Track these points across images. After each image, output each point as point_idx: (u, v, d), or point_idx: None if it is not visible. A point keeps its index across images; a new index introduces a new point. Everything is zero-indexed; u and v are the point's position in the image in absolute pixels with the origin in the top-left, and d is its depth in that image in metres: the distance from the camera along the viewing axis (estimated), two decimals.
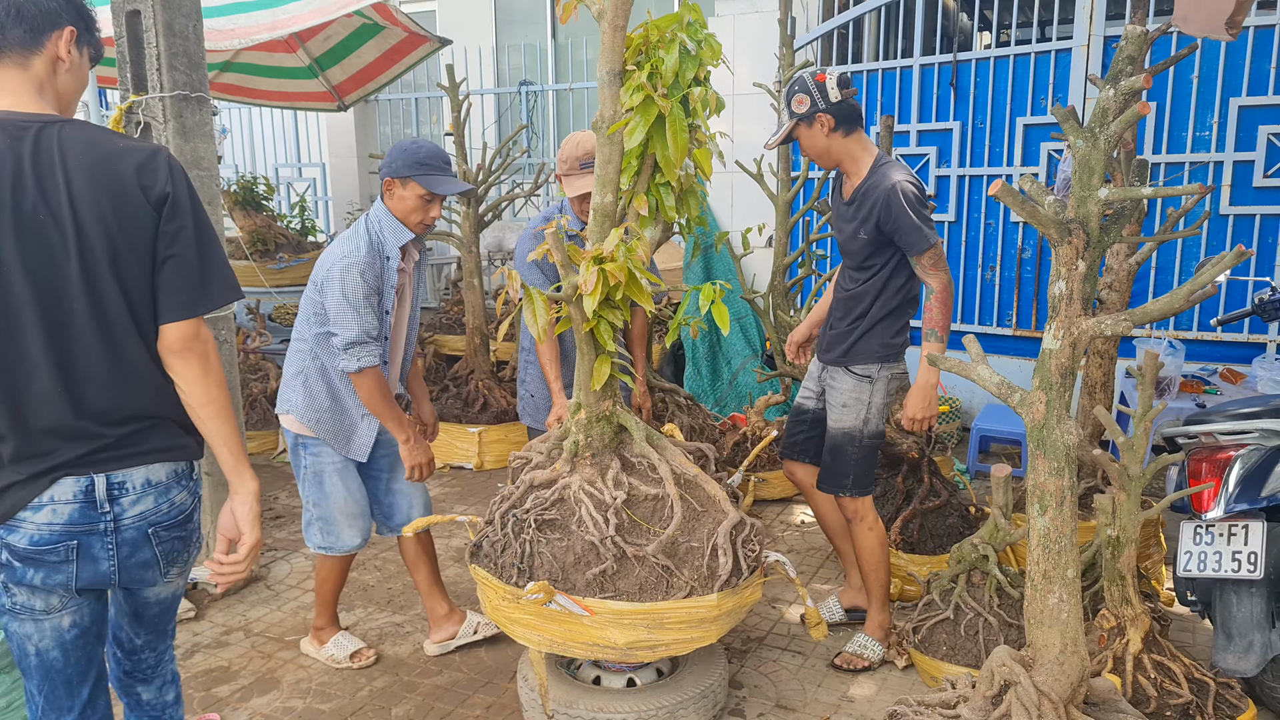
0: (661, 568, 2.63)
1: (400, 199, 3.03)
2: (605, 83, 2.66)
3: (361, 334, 2.94)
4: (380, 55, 6.91)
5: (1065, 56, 5.24)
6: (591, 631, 2.59)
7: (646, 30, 2.75)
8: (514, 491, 2.82)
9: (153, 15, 3.59)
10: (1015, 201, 2.18)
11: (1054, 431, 2.22)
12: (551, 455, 2.91)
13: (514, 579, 2.64)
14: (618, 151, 2.73)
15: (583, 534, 2.66)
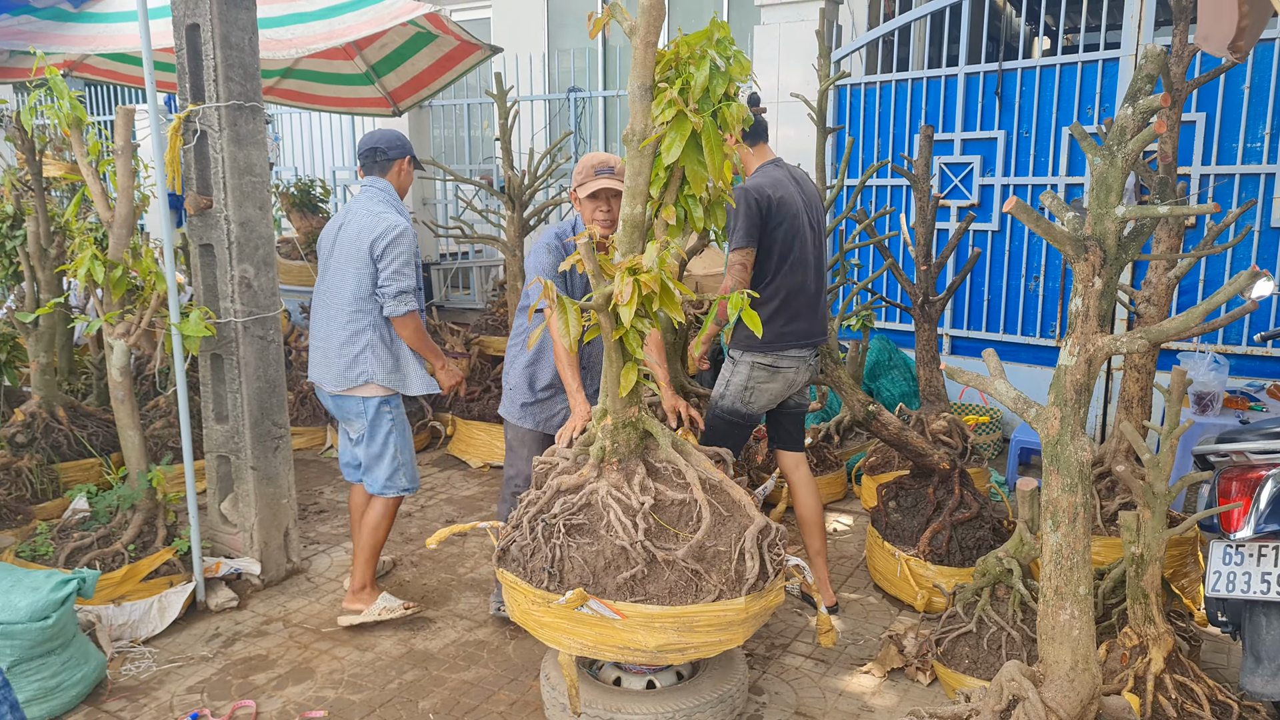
0: (691, 571, 2.69)
1: (407, 175, 3.82)
2: (636, 97, 2.73)
3: (411, 285, 3.58)
4: (434, 62, 7.07)
5: (1113, 66, 5.17)
6: (622, 635, 2.65)
7: (678, 46, 2.81)
8: (540, 496, 2.89)
9: (211, 29, 3.75)
10: (1030, 218, 2.19)
11: (1068, 447, 2.23)
12: (578, 460, 2.98)
13: (545, 583, 2.70)
14: (648, 164, 2.79)
15: (612, 538, 2.72)
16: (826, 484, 5.07)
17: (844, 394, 4.10)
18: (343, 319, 3.60)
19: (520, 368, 3.63)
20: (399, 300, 3.55)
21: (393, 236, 3.53)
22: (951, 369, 2.50)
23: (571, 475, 2.89)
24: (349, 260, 3.57)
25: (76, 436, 5.10)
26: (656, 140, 2.73)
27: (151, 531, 3.86)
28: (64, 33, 5.39)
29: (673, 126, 2.74)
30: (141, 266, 3.74)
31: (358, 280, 3.56)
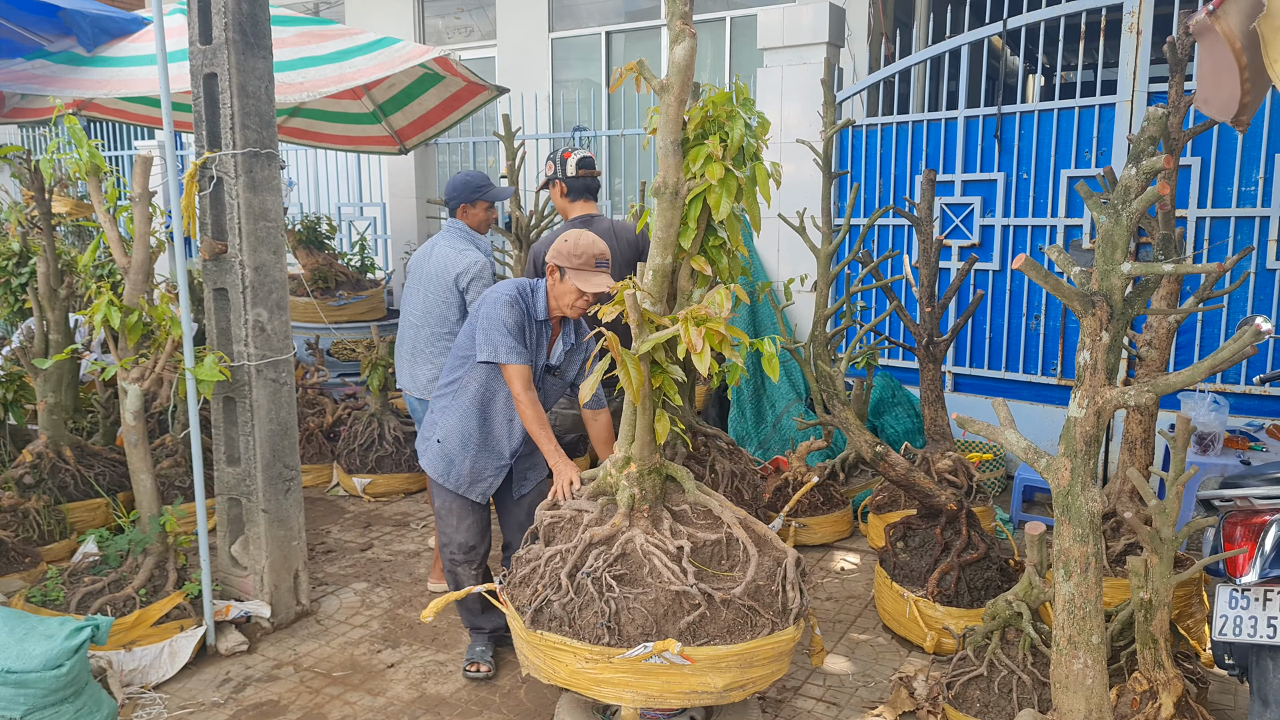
0: (746, 608, 2.75)
1: (474, 215, 4.33)
2: (668, 151, 2.81)
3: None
4: (440, 102, 7.17)
5: (1109, 111, 5.27)
6: (691, 679, 2.66)
7: (708, 104, 2.90)
8: (570, 550, 2.89)
9: (229, 78, 3.83)
10: (1039, 275, 2.25)
11: (1079, 498, 2.27)
12: (605, 510, 2.99)
13: (604, 639, 2.67)
14: (678, 216, 2.88)
15: (662, 585, 2.74)
16: (833, 522, 5.10)
17: (851, 435, 4.14)
18: (426, 335, 4.19)
19: (456, 417, 3.47)
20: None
21: (474, 272, 4.09)
22: (963, 419, 2.55)
23: (603, 526, 2.90)
24: (435, 288, 4.17)
25: (84, 477, 5.12)
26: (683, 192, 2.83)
27: (162, 575, 3.88)
28: (78, 77, 5.47)
29: (721, 185, 2.83)
30: (157, 312, 3.78)
31: (444, 305, 4.14)
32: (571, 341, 3.50)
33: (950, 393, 6.05)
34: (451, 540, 3.56)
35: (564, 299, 3.32)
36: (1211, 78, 2.04)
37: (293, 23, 5.95)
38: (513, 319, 3.27)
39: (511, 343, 3.24)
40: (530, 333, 3.35)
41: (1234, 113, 1.85)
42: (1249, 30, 1.67)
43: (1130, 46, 5.06)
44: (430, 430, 3.57)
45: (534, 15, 9.69)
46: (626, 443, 2.93)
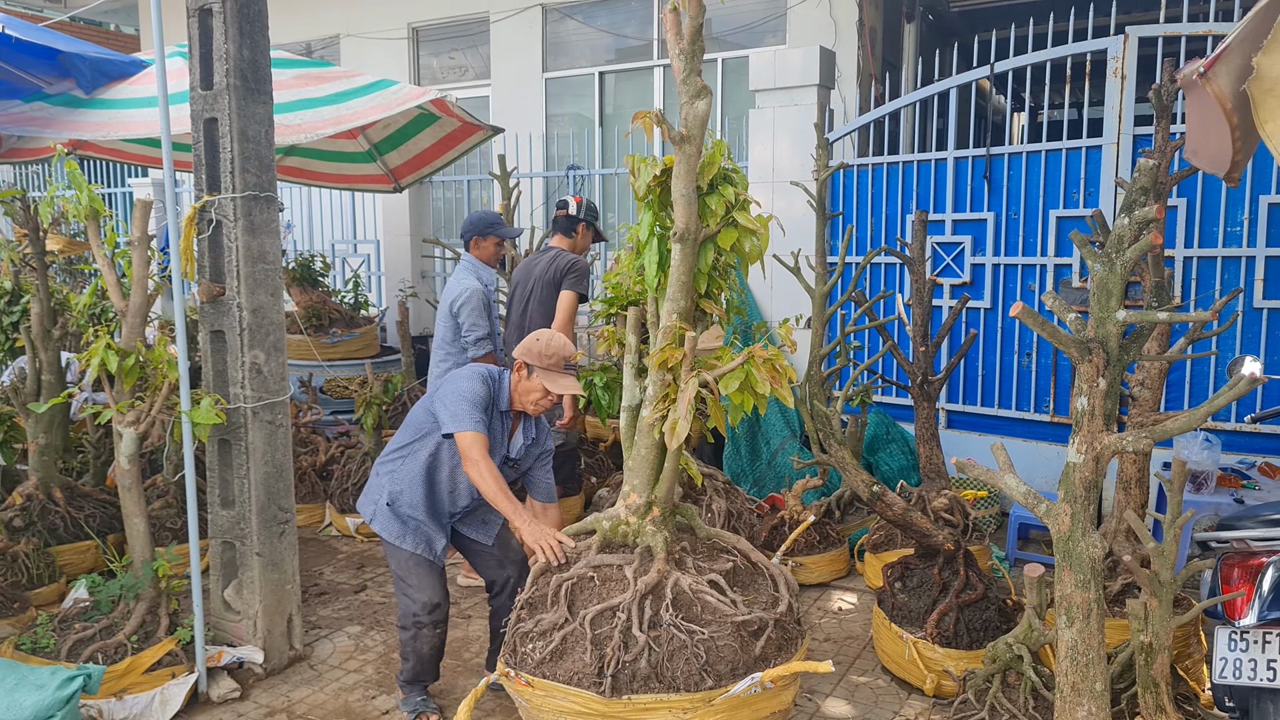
0: (787, 625, 2.96)
1: (483, 249, 4.93)
2: (688, 199, 2.90)
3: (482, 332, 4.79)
4: (436, 142, 7.24)
5: (1096, 153, 5.36)
6: (772, 701, 2.83)
7: (715, 156, 2.98)
8: (623, 605, 2.85)
9: (229, 123, 3.87)
10: (1035, 322, 2.28)
11: (1079, 544, 2.28)
12: (643, 560, 3.00)
13: (705, 682, 2.70)
14: (694, 260, 2.96)
15: (725, 618, 2.83)
16: (829, 561, 5.09)
17: (848, 474, 4.15)
18: (438, 357, 4.79)
19: (404, 482, 3.44)
20: (476, 345, 4.68)
21: (464, 298, 4.66)
22: (962, 464, 2.56)
23: (649, 574, 2.90)
24: (441, 317, 4.80)
25: (74, 518, 5.07)
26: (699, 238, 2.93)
27: (154, 621, 3.84)
28: (76, 119, 5.50)
29: (742, 232, 2.92)
30: (154, 355, 3.78)
31: (445, 331, 4.76)
32: (532, 436, 3.56)
33: (944, 429, 6.07)
34: (415, 600, 3.46)
35: (529, 396, 3.38)
36: (1200, 130, 2.09)
37: (291, 65, 6.01)
38: (481, 394, 3.30)
39: (474, 415, 3.24)
40: (493, 420, 3.39)
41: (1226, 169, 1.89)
42: (1239, 92, 1.72)
43: (1115, 90, 5.15)
44: (377, 494, 3.52)
45: (528, 55, 9.81)
46: (648, 487, 2.96)
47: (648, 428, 2.99)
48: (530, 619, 3.02)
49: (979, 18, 8.89)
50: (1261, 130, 1.62)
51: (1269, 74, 1.63)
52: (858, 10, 7.59)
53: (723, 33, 8.73)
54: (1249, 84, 1.63)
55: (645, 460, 2.99)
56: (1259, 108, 1.63)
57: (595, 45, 9.60)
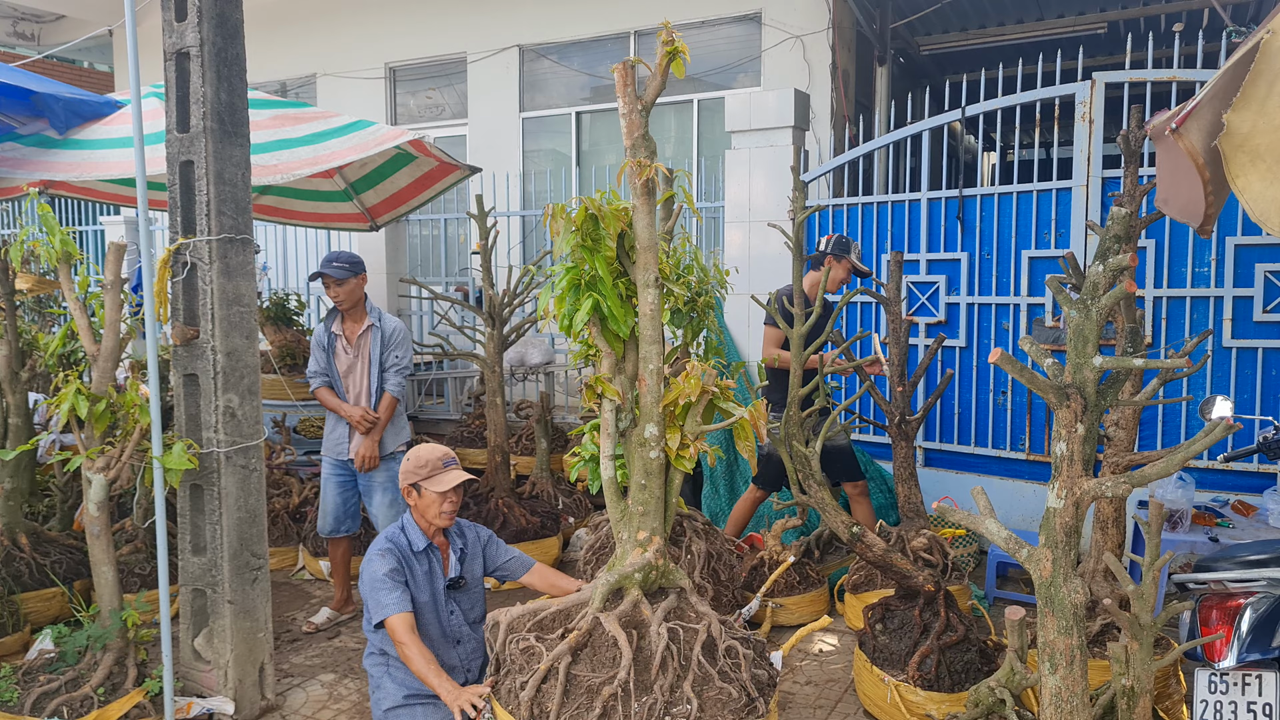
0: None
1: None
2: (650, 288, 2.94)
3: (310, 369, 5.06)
4: (412, 181, 7.23)
5: (1066, 195, 5.46)
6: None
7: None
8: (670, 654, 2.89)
9: (205, 166, 3.85)
10: (1014, 368, 2.30)
11: (1061, 590, 2.29)
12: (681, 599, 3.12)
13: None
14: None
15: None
16: (809, 601, 5.06)
17: (827, 515, 4.15)
18: None
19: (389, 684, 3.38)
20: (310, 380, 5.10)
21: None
22: (943, 509, 2.57)
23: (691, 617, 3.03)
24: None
25: (39, 565, 4.95)
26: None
27: (122, 672, 3.74)
28: (49, 159, 5.46)
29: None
30: (125, 399, 3.72)
31: None
32: (461, 546, 3.57)
33: (922, 468, 6.09)
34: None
35: (430, 511, 3.41)
36: (1170, 180, 2.13)
37: (268, 105, 6.01)
38: (385, 569, 3.29)
39: (389, 596, 3.22)
40: (417, 567, 3.39)
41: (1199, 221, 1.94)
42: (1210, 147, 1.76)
43: (1084, 134, 5.27)
44: (376, 708, 3.42)
45: (505, 95, 9.88)
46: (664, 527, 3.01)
47: (658, 469, 3.01)
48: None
49: (949, 60, 9.08)
50: (1233, 185, 1.66)
51: (1239, 130, 1.67)
52: (831, 54, 7.73)
53: (699, 73, 8.85)
54: (1220, 140, 1.67)
55: (658, 500, 3.03)
56: (1230, 163, 1.67)
57: (571, 85, 9.70)
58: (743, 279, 6.34)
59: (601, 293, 3.05)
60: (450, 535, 3.55)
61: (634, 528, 3.06)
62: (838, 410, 4.54)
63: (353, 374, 5.07)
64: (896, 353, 4.79)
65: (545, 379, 8.17)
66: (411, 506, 3.42)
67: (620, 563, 3.10)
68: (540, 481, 6.57)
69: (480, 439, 7.22)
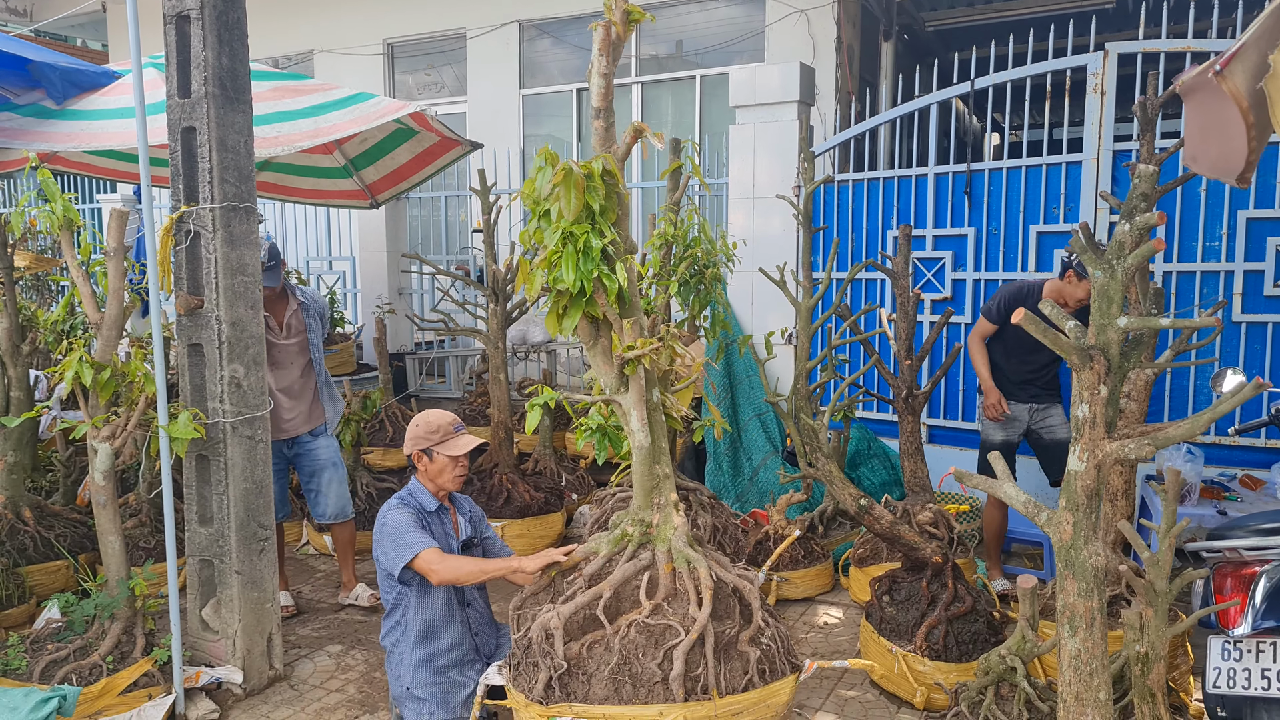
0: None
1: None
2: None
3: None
4: (413, 157, 7.17)
5: (1075, 168, 5.42)
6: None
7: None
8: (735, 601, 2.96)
9: (208, 133, 3.80)
10: (1038, 330, 2.27)
11: (1082, 552, 2.27)
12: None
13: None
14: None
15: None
16: (814, 576, 5.06)
17: (835, 488, 4.13)
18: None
19: (410, 653, 3.29)
20: None
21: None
22: (960, 473, 2.55)
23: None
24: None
25: (44, 538, 4.93)
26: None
27: (130, 641, 3.72)
28: (46, 130, 5.39)
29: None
30: (131, 368, 3.69)
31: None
32: (469, 510, 3.57)
33: (926, 444, 6.06)
34: None
35: (442, 476, 3.38)
36: (1199, 136, 2.10)
37: (267, 77, 5.94)
38: (405, 517, 3.25)
39: (414, 535, 3.18)
40: (432, 526, 3.36)
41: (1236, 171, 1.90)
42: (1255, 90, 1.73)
43: (1095, 106, 5.22)
44: (397, 684, 3.34)
45: (505, 73, 9.80)
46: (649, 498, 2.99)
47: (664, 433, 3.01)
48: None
49: (954, 37, 9.01)
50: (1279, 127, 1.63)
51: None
52: (836, 29, 7.67)
53: (701, 49, 8.78)
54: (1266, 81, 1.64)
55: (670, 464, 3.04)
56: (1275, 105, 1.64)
57: (572, 63, 9.61)
58: (746, 255, 6.31)
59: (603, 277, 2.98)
60: (455, 500, 3.53)
61: (666, 492, 3.05)
62: (845, 383, 4.53)
63: (287, 360, 4.81)
64: (904, 327, 4.76)
65: (547, 357, 8.14)
66: (420, 472, 3.38)
67: (667, 524, 3.09)
68: (543, 458, 6.54)
69: (483, 417, 7.19)
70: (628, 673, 2.77)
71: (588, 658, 2.82)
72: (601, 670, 2.79)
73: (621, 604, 2.95)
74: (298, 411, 4.82)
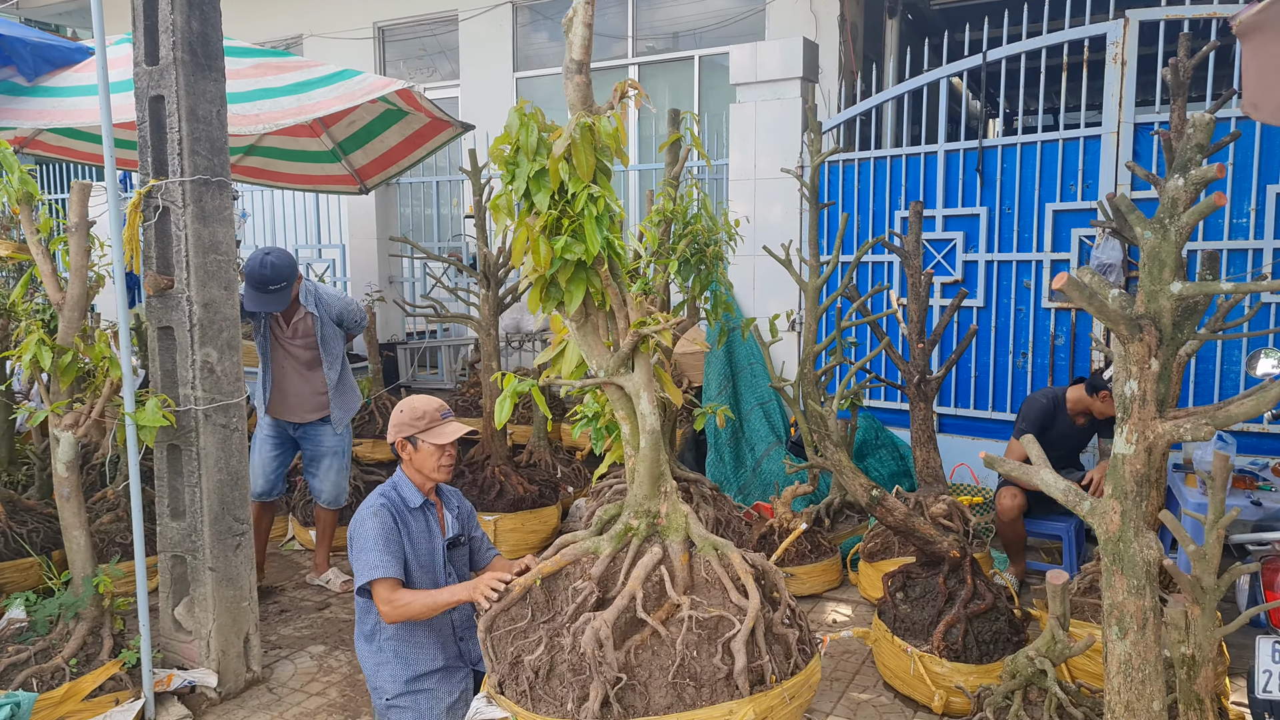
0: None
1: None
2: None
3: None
4: (403, 140, 6.93)
5: (1094, 143, 5.18)
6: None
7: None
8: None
9: (177, 101, 3.56)
10: (1082, 296, 2.04)
11: (1132, 545, 2.04)
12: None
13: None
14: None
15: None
16: (822, 571, 4.83)
17: (845, 478, 3.90)
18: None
19: (390, 664, 3.07)
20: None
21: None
22: (991, 458, 2.32)
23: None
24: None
25: (16, 534, 4.70)
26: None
27: (96, 643, 3.49)
28: (16, 107, 5.15)
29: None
30: (94, 352, 3.45)
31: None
32: (456, 506, 3.30)
33: None
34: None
35: (427, 464, 3.13)
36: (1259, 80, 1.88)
37: (249, 54, 5.69)
38: (377, 528, 2.98)
39: (380, 556, 2.93)
40: (414, 524, 3.11)
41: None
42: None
43: (1115, 78, 4.98)
44: (378, 697, 3.12)
45: (498, 56, 9.54)
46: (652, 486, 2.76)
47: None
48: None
49: (960, 15, 8.75)
50: None
51: None
52: (839, 5, 7.41)
53: (700, 28, 8.52)
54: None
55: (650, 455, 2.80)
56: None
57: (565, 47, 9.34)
58: (747, 238, 6.06)
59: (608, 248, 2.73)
60: (443, 494, 3.29)
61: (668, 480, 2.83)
62: (855, 368, 4.30)
63: (290, 357, 4.76)
64: (916, 309, 4.52)
65: (542, 347, 7.90)
66: (405, 461, 3.14)
67: (677, 513, 2.85)
68: (538, 450, 6.31)
69: (475, 408, 6.96)
70: (688, 674, 2.53)
71: (636, 664, 2.56)
72: (656, 676, 2.54)
73: (646, 603, 2.71)
74: (300, 401, 4.79)
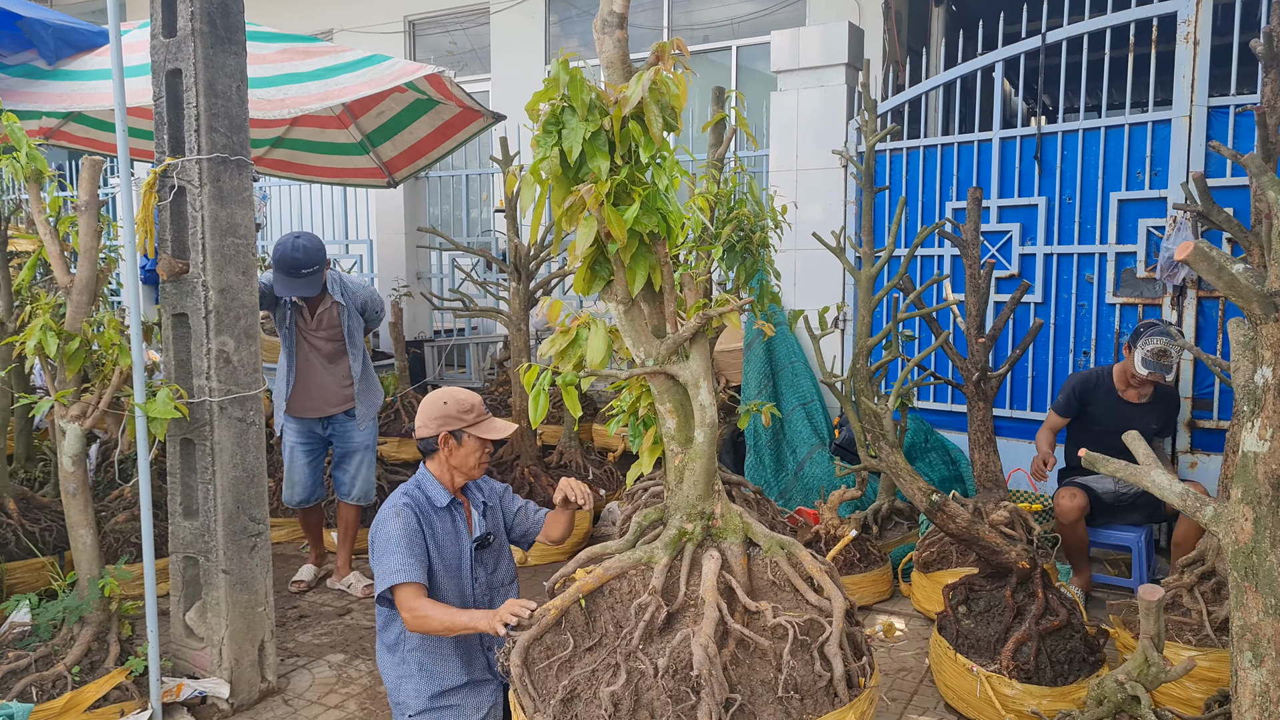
0: None
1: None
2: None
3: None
4: (432, 131, 6.75)
5: (1163, 129, 4.85)
6: None
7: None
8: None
9: (194, 74, 3.36)
10: (1212, 268, 1.76)
11: (1268, 557, 1.75)
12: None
13: None
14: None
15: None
16: (871, 581, 4.54)
17: (902, 482, 3.63)
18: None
19: (414, 679, 2.85)
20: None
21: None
22: (1092, 456, 2.04)
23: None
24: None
25: (28, 532, 4.53)
26: None
27: (102, 649, 3.29)
28: (36, 90, 5.01)
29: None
30: (103, 339, 3.25)
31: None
32: (482, 500, 3.03)
33: None
34: None
35: (469, 460, 2.88)
36: None
37: (276, 39, 5.52)
38: (400, 529, 2.75)
39: (401, 560, 2.70)
40: (439, 525, 2.87)
41: None
42: None
43: (1187, 58, 4.66)
44: (400, 713, 2.89)
45: (530, 48, 9.35)
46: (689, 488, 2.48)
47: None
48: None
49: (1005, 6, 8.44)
50: None
51: None
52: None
53: (738, 17, 8.27)
54: None
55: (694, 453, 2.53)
56: None
57: None
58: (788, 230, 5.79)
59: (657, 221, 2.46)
60: (469, 490, 3.05)
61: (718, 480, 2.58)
62: (911, 364, 4.01)
63: (314, 348, 4.70)
64: (975, 302, 4.23)
65: None
66: (441, 457, 2.88)
67: (732, 513, 2.60)
68: (568, 451, 6.07)
69: (504, 407, 6.73)
70: (791, 686, 2.27)
71: (736, 681, 2.30)
72: (759, 692, 2.28)
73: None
74: (324, 395, 4.70)
